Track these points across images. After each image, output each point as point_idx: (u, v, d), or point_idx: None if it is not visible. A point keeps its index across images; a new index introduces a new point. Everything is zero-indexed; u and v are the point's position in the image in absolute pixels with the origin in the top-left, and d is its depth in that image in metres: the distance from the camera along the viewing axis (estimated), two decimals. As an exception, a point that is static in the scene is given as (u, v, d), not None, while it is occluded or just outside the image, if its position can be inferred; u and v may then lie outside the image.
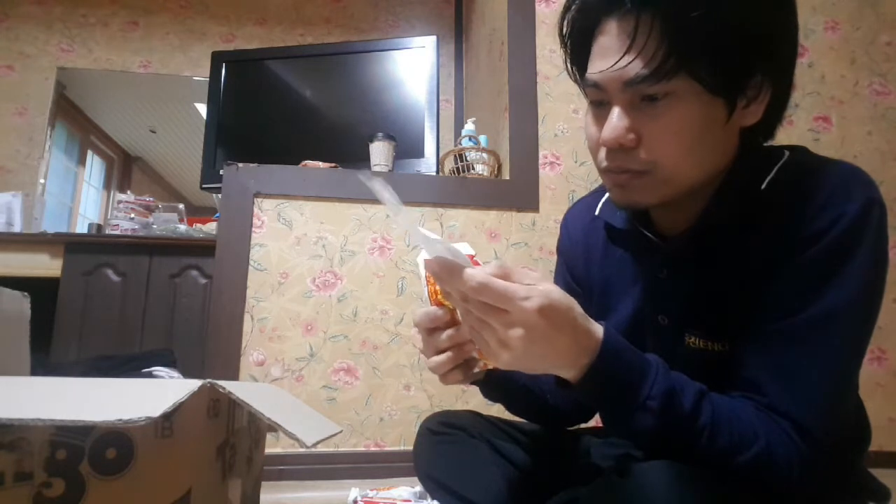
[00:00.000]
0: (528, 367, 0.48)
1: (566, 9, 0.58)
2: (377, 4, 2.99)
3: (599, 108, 0.57)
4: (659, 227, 0.65)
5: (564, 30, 0.60)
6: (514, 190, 1.70)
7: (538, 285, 0.46)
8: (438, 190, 1.67)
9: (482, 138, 1.86)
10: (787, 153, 0.59)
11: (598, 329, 0.49)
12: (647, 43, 0.50)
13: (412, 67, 2.01)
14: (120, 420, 0.33)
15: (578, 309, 0.48)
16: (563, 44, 0.61)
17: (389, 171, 1.72)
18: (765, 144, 0.61)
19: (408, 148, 1.87)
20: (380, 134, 1.73)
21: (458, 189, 1.68)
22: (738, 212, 0.57)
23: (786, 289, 0.53)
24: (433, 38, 2.02)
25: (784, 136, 0.60)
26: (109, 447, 0.38)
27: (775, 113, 0.58)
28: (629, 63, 0.51)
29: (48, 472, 0.37)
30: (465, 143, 1.82)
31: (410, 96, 1.99)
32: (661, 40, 0.49)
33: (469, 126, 1.85)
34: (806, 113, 1.89)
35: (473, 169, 1.79)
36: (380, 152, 1.72)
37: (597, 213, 0.74)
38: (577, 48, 0.59)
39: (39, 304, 0.87)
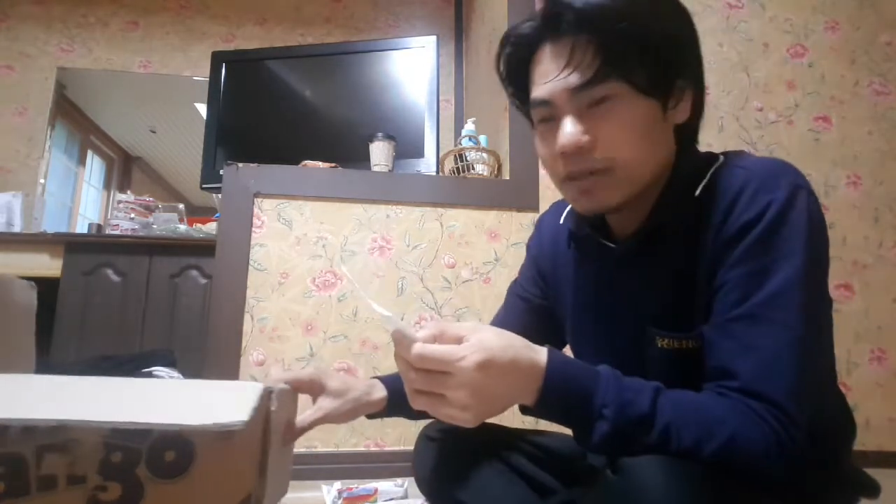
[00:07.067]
0: (492, 414, 0.51)
1: (502, 47, 0.66)
2: (377, 4, 2.99)
3: (548, 124, 0.62)
4: (612, 233, 0.69)
5: (502, 67, 0.67)
6: (514, 190, 1.71)
7: (472, 339, 0.48)
8: (438, 190, 1.67)
9: (482, 138, 1.86)
10: (721, 158, 0.64)
11: (542, 354, 0.51)
12: (584, 57, 0.58)
13: (412, 67, 2.01)
14: (212, 424, 0.34)
15: (518, 341, 0.51)
16: (503, 79, 0.68)
17: (389, 170, 1.72)
18: (704, 151, 0.66)
19: (408, 148, 1.87)
20: (380, 134, 1.73)
21: (457, 189, 1.68)
22: (679, 213, 0.62)
23: (734, 276, 0.56)
24: (433, 38, 2.02)
25: (784, 135, 0.61)
26: (168, 450, 0.37)
27: (698, 112, 0.65)
28: (570, 74, 0.58)
29: (103, 476, 0.36)
30: (465, 143, 1.82)
31: (410, 96, 1.99)
32: (596, 53, 0.57)
33: (469, 126, 1.85)
34: (806, 113, 1.87)
35: (473, 169, 1.79)
36: (380, 152, 1.72)
37: (561, 220, 0.79)
38: (517, 79, 0.66)
39: (39, 304, 0.87)
